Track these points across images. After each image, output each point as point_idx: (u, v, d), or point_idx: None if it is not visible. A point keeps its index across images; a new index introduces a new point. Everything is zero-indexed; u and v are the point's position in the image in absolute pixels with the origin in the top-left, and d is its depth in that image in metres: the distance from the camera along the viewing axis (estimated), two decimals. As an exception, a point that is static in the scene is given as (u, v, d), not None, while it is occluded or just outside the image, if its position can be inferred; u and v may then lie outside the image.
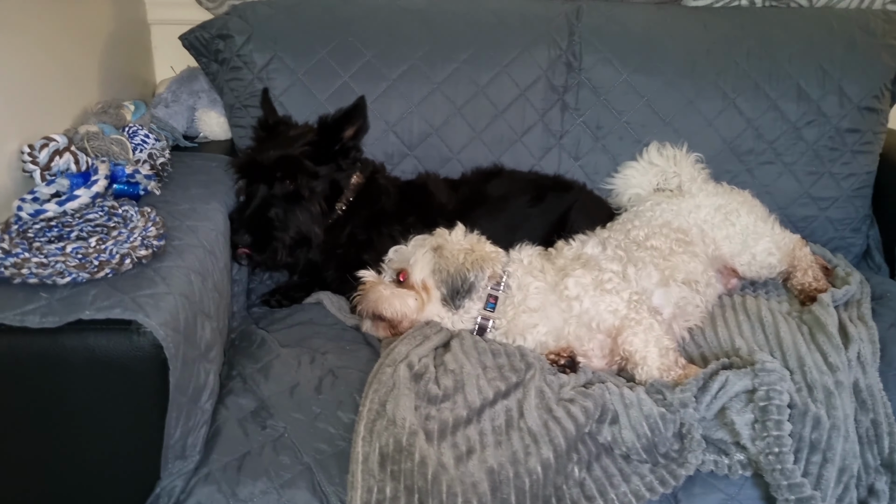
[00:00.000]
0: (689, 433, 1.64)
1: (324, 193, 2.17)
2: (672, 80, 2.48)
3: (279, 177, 2.10)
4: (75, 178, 1.78)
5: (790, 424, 1.60)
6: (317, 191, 2.15)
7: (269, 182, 2.10)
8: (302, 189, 2.12)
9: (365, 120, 2.19)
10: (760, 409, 1.62)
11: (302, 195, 2.12)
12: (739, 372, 1.71)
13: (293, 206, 2.12)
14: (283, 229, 2.11)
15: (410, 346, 1.82)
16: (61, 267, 1.47)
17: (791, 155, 2.51)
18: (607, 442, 1.67)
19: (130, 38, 2.70)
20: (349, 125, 2.17)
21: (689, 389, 1.69)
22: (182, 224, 1.81)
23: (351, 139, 2.19)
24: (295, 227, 2.12)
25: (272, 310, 2.20)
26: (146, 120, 2.30)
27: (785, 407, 1.62)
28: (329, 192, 2.18)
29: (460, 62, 2.44)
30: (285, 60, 2.39)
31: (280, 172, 2.10)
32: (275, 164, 2.09)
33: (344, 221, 2.23)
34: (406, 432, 1.57)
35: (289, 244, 2.11)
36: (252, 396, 1.74)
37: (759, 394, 1.64)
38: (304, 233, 2.14)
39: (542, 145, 2.52)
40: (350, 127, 2.17)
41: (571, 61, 2.48)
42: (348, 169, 2.21)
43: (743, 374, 1.70)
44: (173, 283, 1.57)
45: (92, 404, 1.48)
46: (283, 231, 2.11)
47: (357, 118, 2.17)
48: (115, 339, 1.43)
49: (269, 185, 2.10)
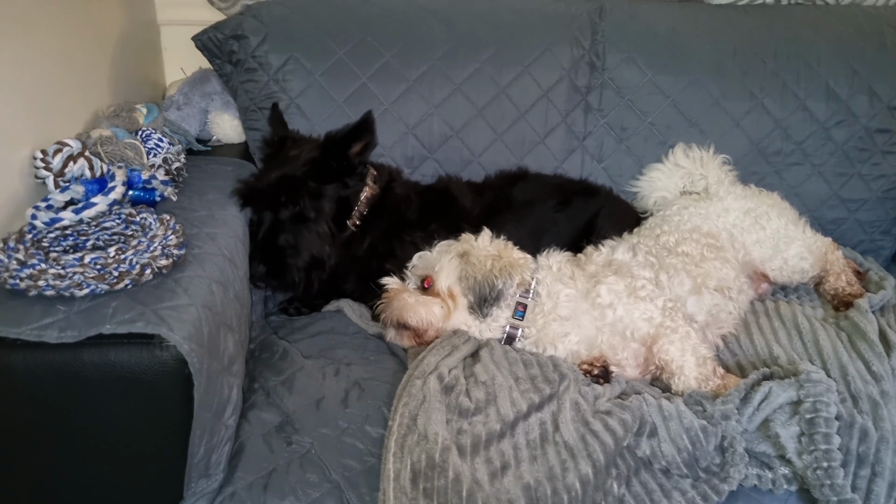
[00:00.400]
0: (731, 446, 1.58)
1: (332, 213, 2.08)
2: (698, 79, 2.42)
3: (283, 201, 2.02)
4: (90, 184, 1.71)
5: (839, 437, 1.54)
6: (324, 211, 2.07)
7: (274, 207, 2.02)
8: (307, 211, 2.03)
9: (373, 135, 2.09)
10: (807, 421, 1.56)
11: (308, 217, 2.04)
12: (783, 383, 1.64)
13: (301, 228, 2.04)
14: (295, 255, 2.03)
15: (439, 357, 1.76)
16: (79, 278, 1.41)
17: (820, 156, 2.46)
18: (646, 456, 1.61)
19: (140, 39, 2.63)
20: (356, 141, 2.07)
21: (731, 401, 1.63)
22: (201, 231, 1.75)
23: (358, 155, 2.09)
24: (307, 250, 2.04)
25: (291, 318, 2.14)
26: (159, 123, 2.24)
27: (833, 419, 1.55)
28: (337, 210, 2.10)
29: (481, 62, 2.38)
30: (302, 61, 2.32)
31: (283, 196, 2.01)
32: (276, 187, 2.01)
33: (361, 234, 2.16)
34: (439, 448, 1.51)
35: (302, 268, 2.04)
36: (276, 410, 1.68)
37: (805, 406, 1.58)
38: (316, 255, 2.06)
39: (565, 147, 2.45)
40: (357, 143, 2.07)
41: (594, 61, 2.42)
42: (355, 185, 2.12)
43: (787, 385, 1.63)
44: (195, 294, 1.51)
45: (112, 422, 1.42)
46: (295, 257, 2.03)
47: (364, 134, 2.07)
48: (136, 353, 1.36)
49: (275, 211, 2.02)
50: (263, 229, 2.01)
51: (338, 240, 2.11)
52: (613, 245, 2.02)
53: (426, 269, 1.93)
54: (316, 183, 2.05)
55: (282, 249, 2.02)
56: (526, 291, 1.91)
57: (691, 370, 1.77)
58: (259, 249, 1.98)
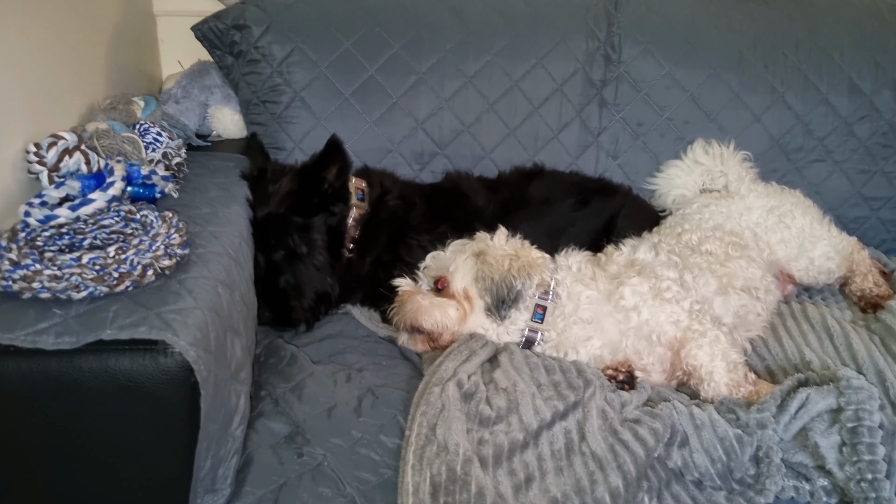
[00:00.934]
0: (767, 457, 1.49)
1: (324, 243, 1.99)
2: (717, 73, 2.35)
3: (272, 244, 1.93)
4: (87, 179, 1.61)
5: (883, 448, 1.45)
6: (316, 243, 1.97)
7: (265, 250, 1.92)
8: (298, 247, 1.94)
9: (344, 157, 1.98)
10: (849, 430, 1.48)
11: (300, 253, 1.95)
12: (822, 389, 1.56)
13: (298, 265, 1.95)
14: (299, 296, 1.95)
15: (457, 363, 1.66)
16: (77, 280, 1.31)
17: (842, 153, 2.39)
18: (677, 467, 1.52)
19: (136, 30, 2.53)
20: (329, 167, 1.97)
21: (768, 408, 1.54)
22: (204, 230, 1.65)
23: (336, 180, 1.99)
24: (310, 288, 1.96)
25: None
26: (157, 117, 2.14)
27: (877, 429, 1.47)
28: (329, 239, 2.00)
29: (493, 54, 2.30)
30: (307, 53, 2.23)
31: (272, 238, 1.93)
32: (262, 229, 1.91)
33: (360, 255, 2.06)
34: (460, 459, 1.42)
35: (308, 307, 1.96)
36: (285, 419, 1.59)
37: (846, 414, 1.49)
38: (320, 290, 1.97)
39: (580, 143, 2.38)
40: (331, 168, 1.97)
41: (610, 54, 2.34)
42: (342, 210, 2.02)
43: (826, 391, 1.55)
44: (200, 296, 1.41)
45: (112, 434, 1.31)
46: (299, 298, 1.95)
47: (335, 158, 1.97)
48: (139, 361, 1.26)
49: (266, 253, 1.93)
50: (261, 274, 1.90)
51: (337, 267, 2.02)
52: (634, 244, 1.94)
53: (440, 270, 1.84)
54: (301, 217, 1.96)
55: (284, 292, 1.94)
56: (545, 293, 1.82)
57: (721, 376, 1.68)
58: (261, 295, 1.87)
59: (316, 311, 1.97)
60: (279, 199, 1.96)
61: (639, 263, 1.87)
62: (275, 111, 2.24)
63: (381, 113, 2.26)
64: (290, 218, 1.95)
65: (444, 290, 1.82)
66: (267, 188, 1.98)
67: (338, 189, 2.00)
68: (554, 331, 1.79)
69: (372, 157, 2.29)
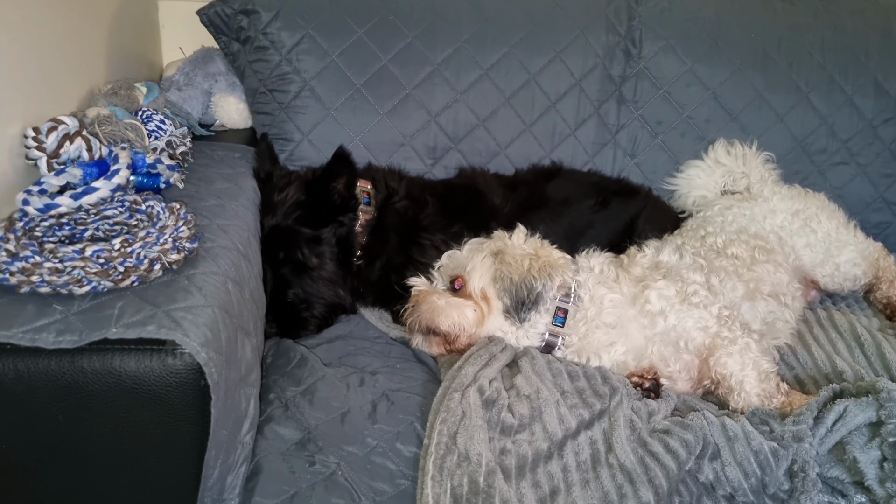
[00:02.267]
0: (802, 471, 1.41)
1: (334, 255, 1.92)
2: (740, 71, 2.28)
3: (281, 258, 1.86)
4: (88, 167, 1.52)
5: (927, 464, 1.38)
6: (325, 255, 1.90)
7: (273, 263, 1.85)
8: (308, 260, 1.88)
9: (352, 168, 1.91)
10: (891, 445, 1.41)
11: (310, 265, 1.88)
12: (861, 402, 1.49)
13: (306, 279, 1.88)
14: (309, 308, 1.88)
15: (477, 367, 1.58)
16: (79, 273, 1.22)
17: (866, 155, 2.33)
18: (709, 481, 1.45)
19: (136, 14, 2.43)
20: (337, 178, 1.90)
21: (804, 421, 1.47)
22: (212, 223, 1.56)
23: (345, 190, 1.92)
24: (320, 301, 1.89)
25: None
26: (160, 104, 2.04)
27: None
28: (339, 249, 1.93)
29: (511, 46, 2.21)
30: (317, 40, 2.13)
31: (281, 252, 1.86)
32: (270, 242, 1.84)
33: (371, 259, 1.98)
34: (483, 470, 1.34)
35: (320, 317, 1.88)
36: (296, 425, 1.50)
37: (888, 428, 1.43)
38: (331, 302, 1.90)
39: (597, 141, 2.30)
40: (339, 179, 1.90)
41: (630, 49, 2.26)
42: (351, 221, 1.94)
43: (866, 404, 1.48)
44: (210, 293, 1.32)
45: (116, 440, 1.22)
46: (310, 309, 1.88)
47: (343, 169, 1.90)
48: (145, 362, 1.17)
49: (274, 267, 1.86)
50: (269, 289, 1.82)
51: (348, 276, 1.95)
52: (658, 246, 1.87)
53: (456, 269, 1.76)
54: (310, 229, 1.88)
55: (293, 306, 1.86)
56: (566, 295, 1.74)
57: (752, 386, 1.61)
58: (270, 311, 1.79)
59: (328, 320, 1.90)
60: (286, 209, 1.88)
61: (664, 266, 1.79)
62: (282, 101, 2.15)
63: (394, 105, 2.18)
64: (298, 230, 1.88)
65: (460, 290, 1.74)
66: (273, 196, 1.90)
67: (346, 199, 1.92)
68: (576, 335, 1.72)
69: (383, 151, 2.20)
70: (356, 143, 2.17)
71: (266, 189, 1.93)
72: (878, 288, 2.07)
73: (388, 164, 2.19)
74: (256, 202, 1.86)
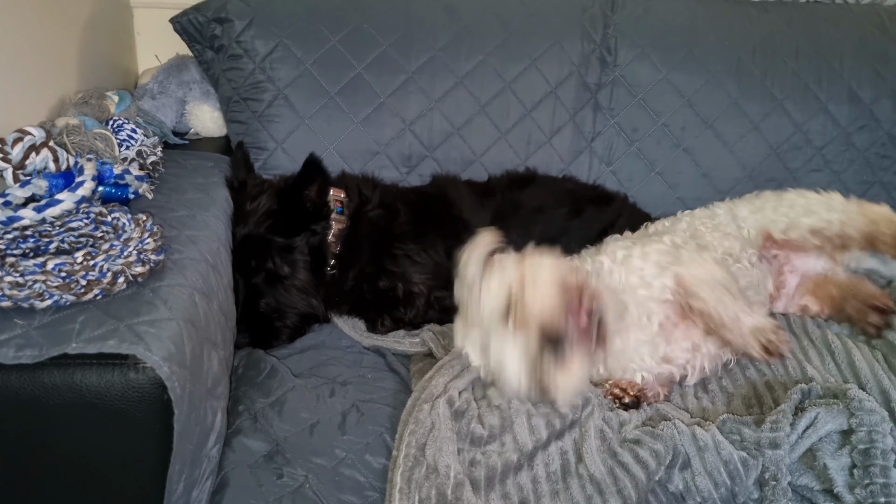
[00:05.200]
0: (774, 479, 1.41)
1: (307, 264, 1.91)
2: (715, 78, 2.27)
3: (253, 266, 1.85)
4: (54, 178, 1.51)
5: (896, 471, 1.39)
6: (298, 264, 1.89)
7: (245, 272, 1.84)
8: (280, 269, 1.86)
9: (324, 175, 1.90)
10: (861, 452, 1.41)
11: (282, 274, 1.87)
12: (832, 409, 1.48)
13: (279, 288, 1.87)
14: (282, 317, 1.86)
15: (448, 378, 1.58)
16: (41, 287, 1.21)
17: (840, 162, 2.33)
18: (678, 491, 1.44)
19: (111, 21, 2.42)
20: (309, 185, 1.89)
21: (781, 428, 1.46)
22: (180, 234, 1.55)
23: (317, 198, 1.91)
24: (292, 311, 1.88)
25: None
26: (132, 113, 2.03)
27: (890, 452, 1.40)
28: (312, 258, 1.92)
29: (486, 54, 2.21)
30: (291, 48, 2.13)
31: (252, 260, 1.84)
32: (242, 251, 1.83)
33: (345, 268, 1.97)
34: (451, 483, 1.34)
35: (292, 326, 1.88)
36: (264, 437, 1.49)
37: (859, 435, 1.42)
38: (302, 311, 1.89)
39: (573, 148, 2.30)
40: (311, 187, 1.89)
41: (606, 56, 2.26)
42: (323, 229, 1.93)
43: (837, 411, 1.48)
44: (176, 306, 1.31)
45: (78, 455, 1.22)
46: (283, 319, 1.87)
47: (314, 176, 1.89)
48: (107, 376, 1.16)
49: (246, 276, 1.84)
50: (241, 298, 1.81)
51: (321, 286, 1.93)
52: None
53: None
54: (282, 238, 1.87)
55: (265, 317, 1.85)
56: None
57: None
58: (242, 321, 1.78)
59: (300, 329, 1.89)
60: (258, 218, 1.87)
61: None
62: (256, 109, 2.14)
63: (368, 113, 2.17)
64: (270, 239, 1.87)
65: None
66: (245, 205, 1.89)
67: (319, 206, 1.92)
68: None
69: (358, 159, 2.20)
70: (330, 151, 2.16)
71: (239, 198, 1.91)
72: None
73: (362, 172, 2.18)
74: (228, 212, 1.84)
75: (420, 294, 1.92)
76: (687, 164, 2.32)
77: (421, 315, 1.91)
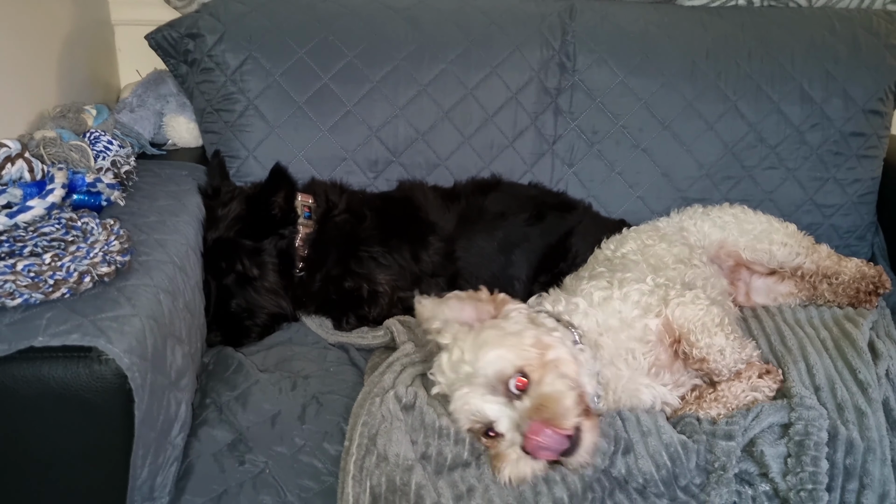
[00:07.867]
0: (723, 469, 1.47)
1: (275, 266, 2.00)
2: (671, 81, 2.35)
3: (223, 267, 1.94)
4: (29, 187, 1.59)
5: (827, 463, 1.47)
6: (267, 266, 1.98)
7: (217, 274, 1.93)
8: (249, 271, 1.95)
9: (290, 182, 2.00)
10: (796, 443, 1.49)
11: (252, 276, 1.96)
12: (776, 404, 1.58)
13: (248, 289, 1.96)
14: (252, 317, 1.96)
15: (395, 375, 1.65)
16: (10, 287, 1.29)
17: (794, 160, 2.41)
18: (621, 475, 1.50)
19: (93, 38, 2.52)
20: (276, 192, 1.98)
21: (737, 422, 1.54)
22: (149, 238, 1.64)
23: (285, 203, 2.00)
24: (262, 310, 1.97)
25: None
26: (109, 125, 2.12)
27: (823, 445, 1.48)
28: (280, 261, 2.01)
29: (448, 63, 2.29)
30: (260, 61, 2.22)
31: (223, 262, 1.94)
32: (212, 254, 1.92)
33: (312, 271, 2.05)
34: (400, 469, 1.42)
35: (262, 325, 1.97)
36: (228, 427, 1.58)
37: (796, 428, 1.51)
38: (271, 311, 1.98)
39: (535, 151, 2.38)
40: (278, 194, 1.98)
41: (565, 62, 2.35)
42: (291, 233, 2.02)
43: (779, 406, 1.57)
44: (140, 303, 1.40)
45: (47, 442, 1.30)
46: (252, 318, 1.96)
47: (280, 184, 1.98)
48: (72, 368, 1.25)
49: (218, 278, 1.94)
50: (213, 299, 1.91)
51: (289, 287, 2.02)
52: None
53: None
54: (251, 241, 1.96)
55: (235, 316, 1.94)
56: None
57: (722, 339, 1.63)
58: (212, 321, 1.88)
59: (269, 328, 1.98)
60: (228, 223, 1.96)
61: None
62: (229, 119, 2.23)
63: (335, 121, 2.25)
64: (240, 242, 1.96)
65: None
66: (217, 211, 1.98)
67: (286, 212, 2.00)
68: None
69: (326, 166, 2.28)
70: (300, 158, 2.25)
71: (212, 204, 2.00)
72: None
73: (331, 178, 2.26)
74: (200, 217, 1.93)
75: (384, 294, 2.00)
76: (646, 164, 2.40)
77: (385, 314, 1.99)
